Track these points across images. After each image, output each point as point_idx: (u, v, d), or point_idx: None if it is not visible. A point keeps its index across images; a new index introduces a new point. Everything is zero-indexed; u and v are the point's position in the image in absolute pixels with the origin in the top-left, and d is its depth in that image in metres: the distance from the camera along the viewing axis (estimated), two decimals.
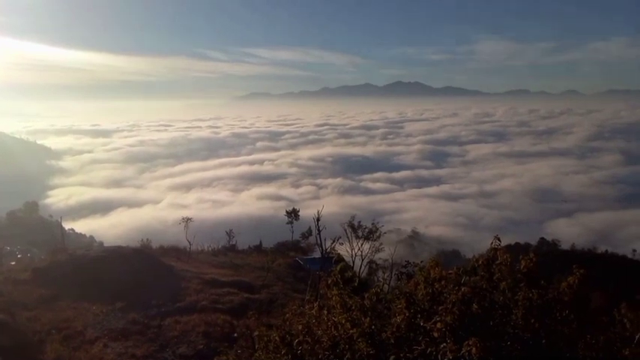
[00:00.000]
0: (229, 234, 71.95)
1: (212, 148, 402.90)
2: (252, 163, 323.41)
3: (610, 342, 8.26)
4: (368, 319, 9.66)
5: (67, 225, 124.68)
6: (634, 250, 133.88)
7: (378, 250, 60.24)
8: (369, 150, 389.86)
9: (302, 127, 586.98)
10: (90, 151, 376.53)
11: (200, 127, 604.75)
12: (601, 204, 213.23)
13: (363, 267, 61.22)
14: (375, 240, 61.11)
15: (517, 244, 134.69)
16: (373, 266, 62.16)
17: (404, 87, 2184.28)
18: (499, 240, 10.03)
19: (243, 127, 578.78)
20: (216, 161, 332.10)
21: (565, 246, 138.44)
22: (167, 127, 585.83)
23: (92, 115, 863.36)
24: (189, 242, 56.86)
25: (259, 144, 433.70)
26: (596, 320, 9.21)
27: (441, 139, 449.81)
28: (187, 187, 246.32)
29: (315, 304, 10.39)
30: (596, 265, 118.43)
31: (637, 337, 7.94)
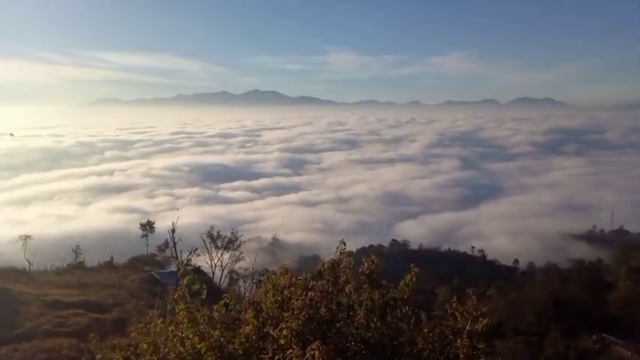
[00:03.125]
0: (76, 251, 67.12)
1: (54, 159, 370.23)
2: (100, 173, 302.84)
3: (444, 334, 8.91)
4: (217, 331, 9.47)
5: None
6: (473, 247, 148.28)
7: (238, 260, 59.65)
8: (227, 158, 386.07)
9: (155, 135, 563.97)
10: None
11: (41, 135, 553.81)
12: (443, 206, 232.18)
13: (223, 277, 60.22)
14: (235, 249, 60.53)
15: (371, 246, 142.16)
16: (234, 276, 61.39)
17: (261, 95, 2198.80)
18: (344, 244, 10.38)
19: (90, 136, 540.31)
20: (60, 172, 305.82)
21: (414, 246, 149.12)
22: (2, 136, 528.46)
23: None
24: (29, 262, 51.82)
25: (108, 153, 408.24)
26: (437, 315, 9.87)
27: (297, 147, 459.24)
28: (26, 202, 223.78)
29: (160, 320, 9.92)
30: (441, 262, 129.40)
31: (467, 328, 8.63)
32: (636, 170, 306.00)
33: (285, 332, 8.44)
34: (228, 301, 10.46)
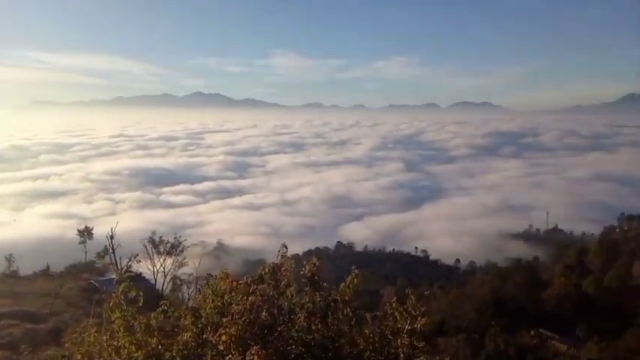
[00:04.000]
0: (9, 259, 64.07)
1: None
2: (35, 178, 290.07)
3: (384, 334, 8.96)
4: (155, 339, 9.18)
5: None
6: (416, 248, 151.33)
7: (181, 265, 58.39)
8: (170, 162, 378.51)
9: (94, 138, 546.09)
10: None
11: None
12: (387, 208, 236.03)
13: (166, 283, 58.79)
14: (178, 255, 59.24)
15: (317, 248, 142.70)
16: (177, 282, 60.07)
17: (204, 98, 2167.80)
18: (286, 247, 10.30)
19: (24, 139, 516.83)
20: None
21: (359, 247, 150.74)
22: None
23: None
24: None
25: (44, 157, 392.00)
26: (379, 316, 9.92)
27: (242, 150, 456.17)
28: None
29: (94, 330, 9.53)
30: (386, 263, 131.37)
31: (405, 328, 8.71)
32: (569, 172, 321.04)
33: (224, 338, 8.29)
34: (166, 308, 10.15)
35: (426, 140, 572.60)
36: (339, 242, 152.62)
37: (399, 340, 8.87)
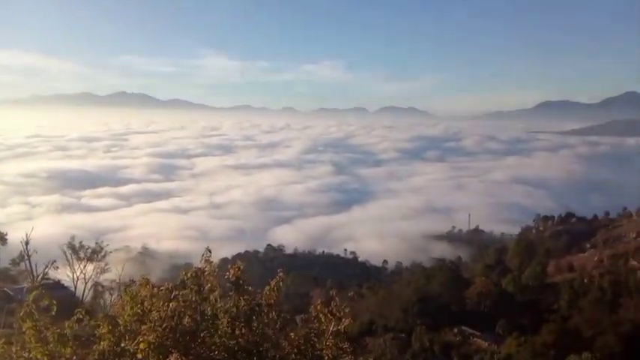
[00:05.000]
0: None
1: None
2: None
3: (308, 337, 8.90)
4: (69, 349, 8.70)
5: None
6: (345, 250, 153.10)
7: (104, 271, 55.95)
8: (91, 163, 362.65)
9: (7, 138, 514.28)
10: None
11: None
12: (317, 210, 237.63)
13: (87, 291, 56.14)
14: (99, 260, 56.71)
15: (246, 251, 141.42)
16: (99, 289, 57.56)
17: (128, 98, 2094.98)
18: (210, 251, 10.04)
19: None
20: None
21: (289, 250, 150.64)
22: None
23: None
24: None
25: None
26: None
27: (169, 152, 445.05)
28: None
29: (2, 341, 8.91)
30: (316, 265, 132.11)
31: (330, 329, 8.69)
32: (489, 175, 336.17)
33: (142, 346, 7.95)
34: (81, 316, 9.63)
35: (355, 144, 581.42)
36: (269, 245, 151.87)
37: (324, 342, 8.83)
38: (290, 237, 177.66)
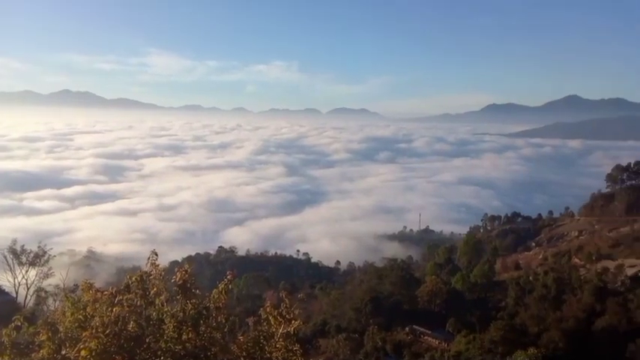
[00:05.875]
0: None
1: None
2: None
3: (257, 340, 8.67)
4: (6, 357, 8.31)
5: None
6: (298, 251, 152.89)
7: (47, 276, 53.76)
8: (32, 164, 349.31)
9: None
10: None
11: None
12: (269, 211, 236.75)
13: (29, 297, 53.80)
14: (42, 265, 54.47)
15: (197, 254, 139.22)
16: (42, 294, 55.29)
17: (72, 96, 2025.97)
18: (156, 254, 9.65)
19: None
20: None
21: (241, 252, 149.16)
22: None
23: None
24: None
25: None
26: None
27: (115, 153, 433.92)
28: None
29: None
30: (268, 267, 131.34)
31: (279, 332, 8.48)
32: (439, 176, 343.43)
33: (83, 353, 7.57)
34: (19, 323, 9.11)
35: (307, 145, 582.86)
36: (220, 247, 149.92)
37: (274, 345, 8.64)
38: (242, 238, 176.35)
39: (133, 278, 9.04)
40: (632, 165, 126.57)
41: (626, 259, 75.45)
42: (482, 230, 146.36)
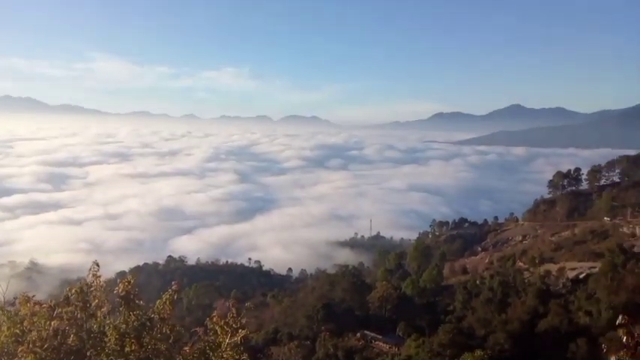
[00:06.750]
0: None
1: None
2: None
3: (203, 350, 8.51)
4: None
5: None
6: (250, 259, 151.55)
7: None
8: None
9: None
10: None
11: None
12: (219, 219, 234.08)
13: None
14: None
15: (145, 264, 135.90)
16: None
17: (13, 102, 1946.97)
18: (97, 265, 9.33)
19: None
20: None
21: (191, 261, 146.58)
22: None
23: None
24: None
25: None
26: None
27: (59, 160, 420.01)
28: None
29: None
30: (219, 276, 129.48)
31: (226, 342, 8.35)
32: (389, 182, 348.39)
33: None
34: None
35: (258, 152, 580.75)
36: (169, 256, 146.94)
37: (221, 355, 8.50)
38: (192, 247, 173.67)
39: (73, 290, 8.73)
40: (572, 171, 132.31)
41: (568, 262, 78.36)
42: (431, 236, 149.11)
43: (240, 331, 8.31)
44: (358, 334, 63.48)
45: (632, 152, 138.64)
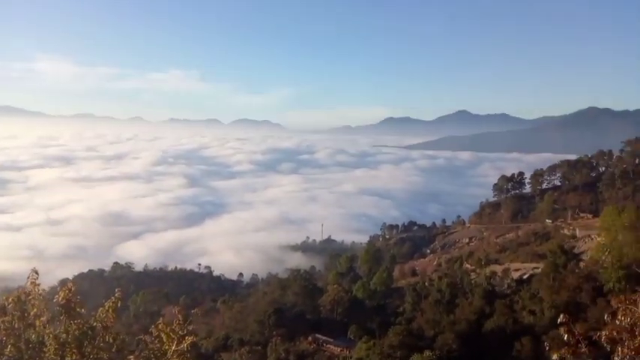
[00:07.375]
0: None
1: None
2: None
3: (148, 358, 8.27)
4: None
5: None
6: (199, 264, 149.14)
7: None
8: None
9: None
10: None
11: None
12: (167, 224, 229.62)
13: None
14: None
15: (90, 270, 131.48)
16: None
17: None
18: (36, 273, 8.92)
19: None
20: None
21: (138, 267, 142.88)
22: None
23: None
24: None
25: None
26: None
27: None
28: None
29: None
30: (168, 282, 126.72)
31: (172, 349, 8.14)
32: (340, 186, 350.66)
33: None
34: None
35: (208, 155, 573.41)
36: (115, 263, 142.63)
37: None
38: (139, 253, 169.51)
39: (10, 299, 8.31)
40: (515, 175, 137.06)
41: (512, 263, 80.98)
42: (381, 239, 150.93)
43: (186, 337, 8.11)
44: (310, 338, 63.45)
45: (572, 157, 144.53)
